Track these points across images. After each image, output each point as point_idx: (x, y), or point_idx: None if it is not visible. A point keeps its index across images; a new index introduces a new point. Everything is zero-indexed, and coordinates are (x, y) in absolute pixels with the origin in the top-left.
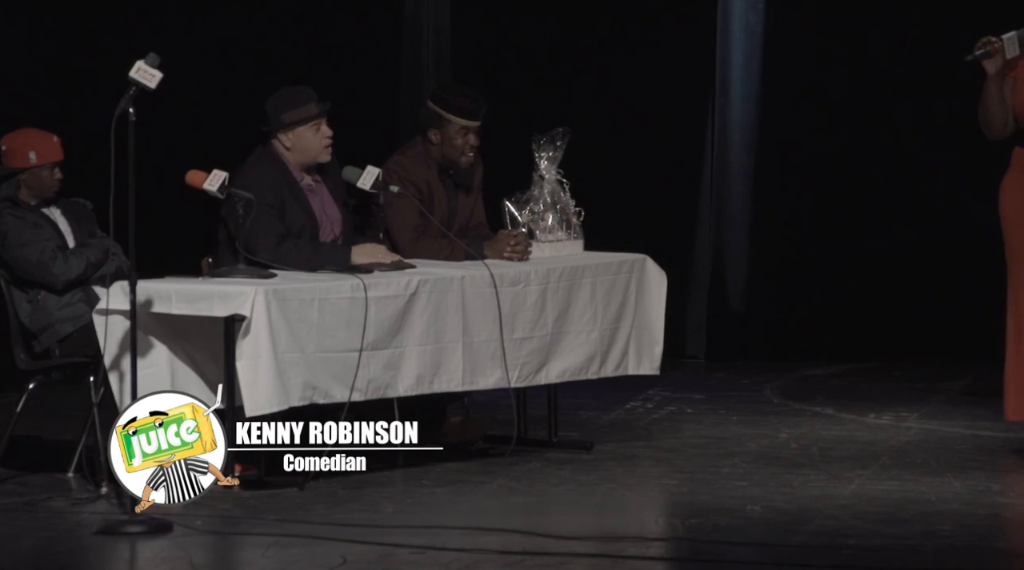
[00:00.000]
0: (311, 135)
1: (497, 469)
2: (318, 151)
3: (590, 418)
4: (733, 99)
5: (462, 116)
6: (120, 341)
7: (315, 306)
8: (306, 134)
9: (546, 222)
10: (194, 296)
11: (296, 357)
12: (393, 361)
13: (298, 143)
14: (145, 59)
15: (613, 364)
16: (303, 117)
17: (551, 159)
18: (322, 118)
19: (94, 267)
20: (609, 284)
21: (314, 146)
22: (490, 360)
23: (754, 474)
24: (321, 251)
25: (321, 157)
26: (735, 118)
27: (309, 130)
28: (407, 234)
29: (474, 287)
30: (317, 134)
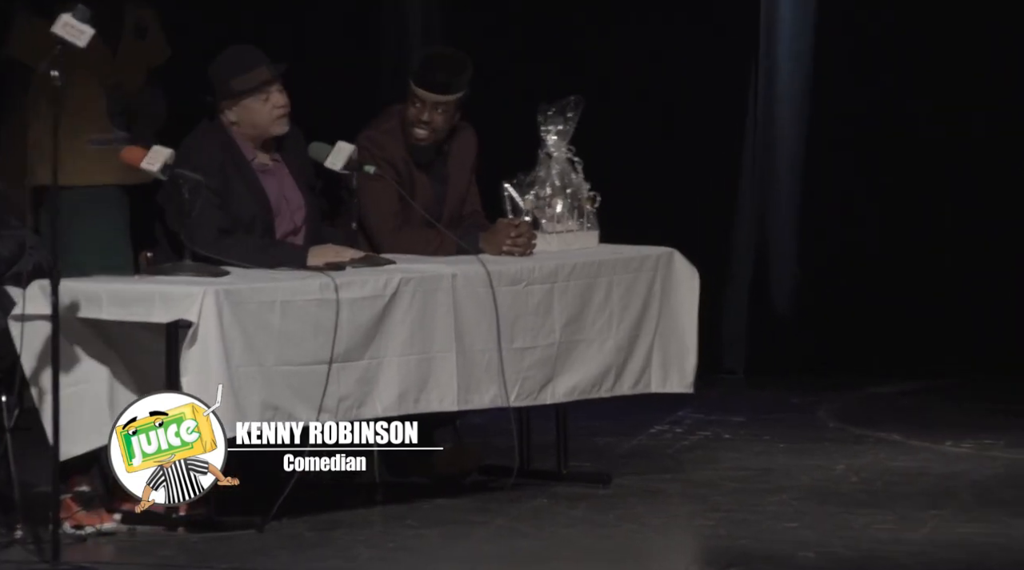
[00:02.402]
0: (258, 106)
1: (496, 506)
2: (268, 124)
3: (607, 445)
4: (780, 60)
5: (418, 84)
6: (41, 352)
7: (276, 310)
8: (253, 106)
9: (554, 209)
10: (129, 298)
11: (253, 371)
12: (369, 375)
13: (244, 116)
14: (73, 12)
15: (632, 379)
16: (248, 86)
17: (560, 134)
18: (273, 84)
19: (6, 263)
20: (629, 283)
21: (263, 118)
22: (485, 374)
23: (806, 514)
24: (272, 251)
25: (273, 129)
26: (782, 84)
27: (256, 101)
28: (386, 223)
29: (467, 286)
30: (266, 104)
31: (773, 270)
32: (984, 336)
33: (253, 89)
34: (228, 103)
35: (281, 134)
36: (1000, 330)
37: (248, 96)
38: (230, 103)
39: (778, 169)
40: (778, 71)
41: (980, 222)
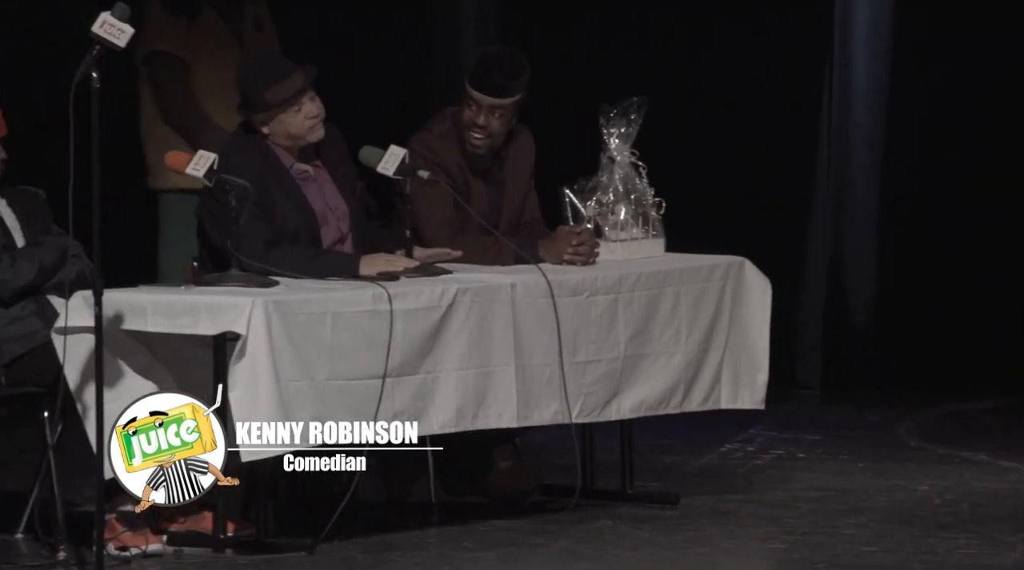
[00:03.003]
0: (290, 118)
1: (557, 528)
2: (303, 132)
3: (675, 464)
4: (856, 58)
5: (474, 86)
6: (84, 365)
7: (327, 322)
8: (284, 119)
9: (617, 216)
10: (176, 309)
11: (303, 386)
12: (425, 390)
13: (278, 129)
14: (112, 10)
15: (701, 395)
16: (286, 95)
17: (623, 137)
18: (305, 94)
19: (49, 272)
20: (697, 294)
21: (297, 129)
22: (546, 389)
23: (886, 537)
24: (322, 260)
25: (309, 137)
26: (859, 82)
27: (287, 114)
28: (441, 231)
29: (527, 297)
30: (298, 116)
31: (850, 279)
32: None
33: (285, 101)
34: (261, 117)
35: (317, 141)
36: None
37: (279, 109)
38: (264, 117)
39: (854, 173)
40: (854, 71)
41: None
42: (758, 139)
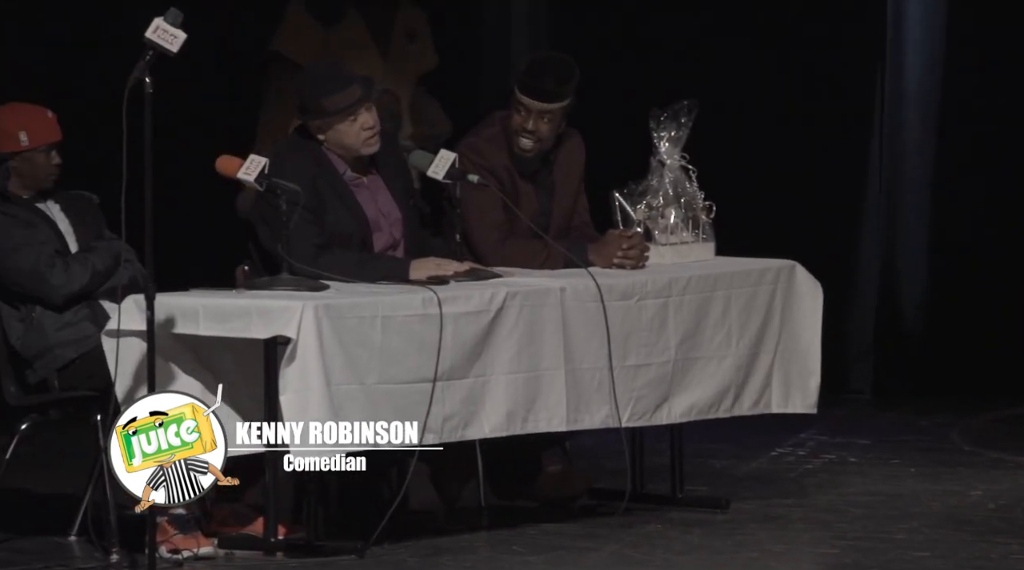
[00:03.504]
0: (345, 129)
1: (607, 532)
2: (358, 145)
3: (725, 468)
4: (908, 62)
5: (523, 91)
6: (135, 369)
7: (378, 326)
8: (339, 127)
9: (667, 220)
10: (227, 313)
11: (354, 389)
12: (475, 394)
13: (332, 137)
14: (165, 16)
15: (752, 399)
16: (335, 108)
17: (673, 140)
18: (363, 104)
19: (102, 277)
20: (748, 298)
21: (351, 139)
22: (596, 393)
23: (938, 542)
24: (372, 264)
25: (363, 150)
26: (911, 86)
27: (343, 123)
28: (491, 235)
29: (576, 301)
30: (353, 126)
31: (902, 282)
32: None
33: (342, 110)
34: (318, 124)
35: (369, 154)
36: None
37: (336, 118)
38: (320, 124)
39: (906, 177)
40: (906, 72)
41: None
42: (810, 142)
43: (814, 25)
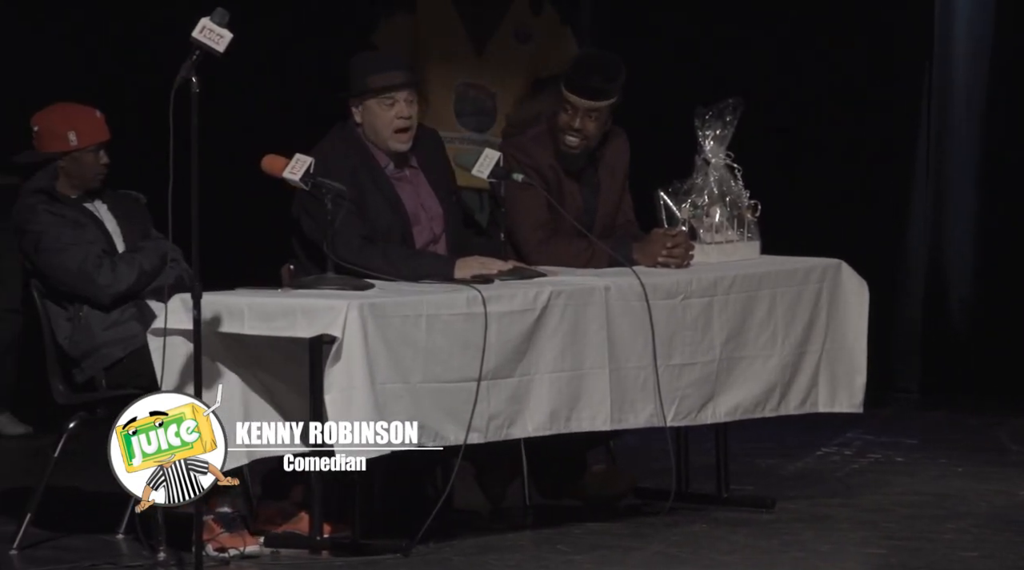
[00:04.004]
0: (380, 111)
1: (652, 532)
2: (387, 133)
3: (771, 467)
4: (956, 56)
5: (570, 89)
6: (181, 368)
7: (422, 325)
8: (375, 109)
9: (712, 218)
10: (272, 312)
11: (399, 388)
12: (520, 393)
13: (367, 119)
14: (211, 16)
15: (798, 398)
16: (373, 86)
17: (719, 139)
18: (398, 92)
19: (148, 277)
20: (794, 297)
21: (381, 126)
22: (640, 392)
23: (986, 542)
24: (417, 261)
25: (392, 143)
26: (958, 81)
27: (380, 105)
28: (535, 234)
29: (621, 300)
30: (388, 111)
31: (949, 281)
32: None
33: (376, 90)
34: (355, 101)
35: (398, 151)
36: None
37: (372, 98)
38: (356, 101)
39: (953, 174)
40: (953, 66)
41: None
42: (855, 140)
43: (860, 20)
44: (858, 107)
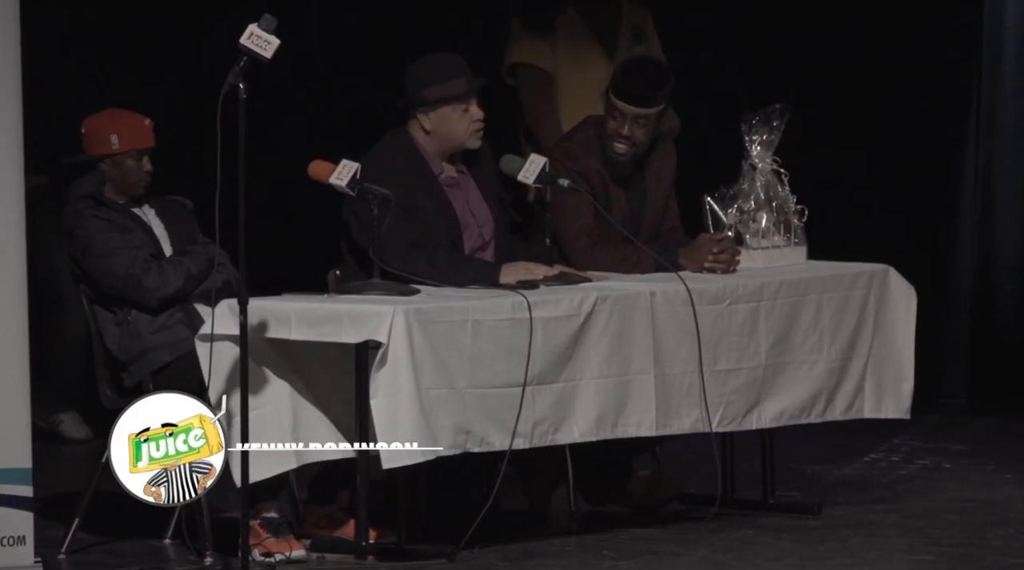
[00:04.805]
0: (457, 117)
1: (698, 537)
2: (465, 137)
3: (817, 473)
4: (1005, 61)
5: (618, 96)
6: (228, 373)
7: (468, 330)
8: (451, 115)
9: (759, 224)
10: (318, 318)
11: (445, 394)
12: (565, 398)
13: (440, 126)
14: (259, 22)
15: (844, 404)
16: (449, 94)
17: (765, 144)
18: (472, 97)
19: (196, 281)
20: (840, 302)
21: (459, 131)
22: (686, 397)
23: None
24: (463, 267)
25: (469, 143)
26: (1008, 86)
27: (455, 111)
28: (580, 240)
29: (666, 305)
30: (464, 116)
31: (997, 287)
32: None
33: (453, 98)
34: (424, 110)
35: (473, 149)
36: None
37: (447, 105)
38: (426, 110)
39: (1001, 179)
40: (1002, 72)
41: None
42: (903, 146)
43: (908, 24)
44: (905, 112)
